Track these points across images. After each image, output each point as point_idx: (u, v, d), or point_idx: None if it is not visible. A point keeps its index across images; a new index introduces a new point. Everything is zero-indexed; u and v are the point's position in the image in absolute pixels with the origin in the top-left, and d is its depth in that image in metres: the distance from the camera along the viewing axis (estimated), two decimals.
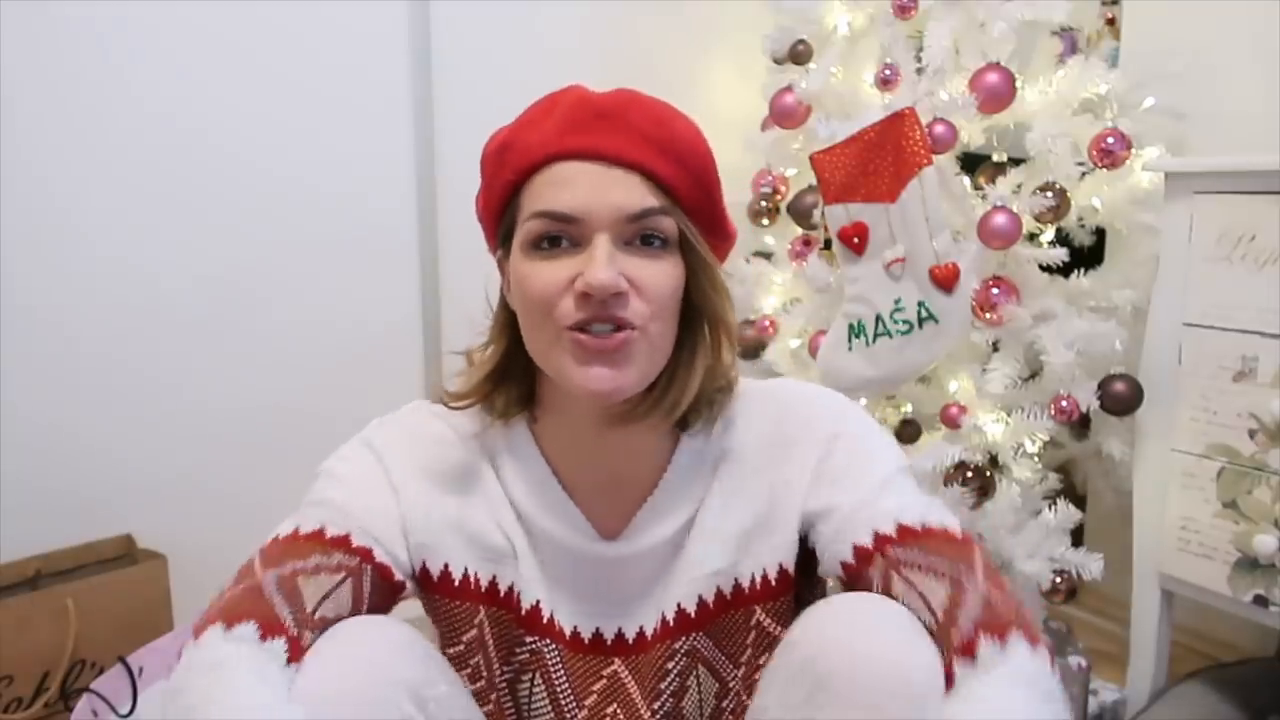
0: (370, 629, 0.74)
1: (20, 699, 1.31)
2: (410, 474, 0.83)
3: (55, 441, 1.49)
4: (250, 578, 0.74)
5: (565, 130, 0.74)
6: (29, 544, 1.44)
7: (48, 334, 1.48)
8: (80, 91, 1.46)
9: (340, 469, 0.84)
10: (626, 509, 0.84)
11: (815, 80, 1.62)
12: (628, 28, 1.92)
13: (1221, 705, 1.39)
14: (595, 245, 0.72)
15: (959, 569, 0.73)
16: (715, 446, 0.84)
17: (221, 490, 1.63)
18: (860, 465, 0.81)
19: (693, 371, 0.78)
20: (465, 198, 1.85)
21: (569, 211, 0.72)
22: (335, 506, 0.80)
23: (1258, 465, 1.27)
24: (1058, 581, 1.45)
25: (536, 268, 0.74)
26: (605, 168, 0.73)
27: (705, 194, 0.77)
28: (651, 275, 0.73)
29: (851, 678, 0.67)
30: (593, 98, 0.76)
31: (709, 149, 0.78)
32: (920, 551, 0.74)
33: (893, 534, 0.76)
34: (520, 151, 0.75)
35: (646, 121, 0.74)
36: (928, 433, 1.56)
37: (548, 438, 0.84)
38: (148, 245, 1.53)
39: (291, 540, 0.78)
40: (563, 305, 0.72)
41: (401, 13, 1.69)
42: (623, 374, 0.73)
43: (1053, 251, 1.44)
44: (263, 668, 0.67)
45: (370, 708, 0.67)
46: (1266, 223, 1.25)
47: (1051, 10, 1.44)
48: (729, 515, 0.83)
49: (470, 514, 0.83)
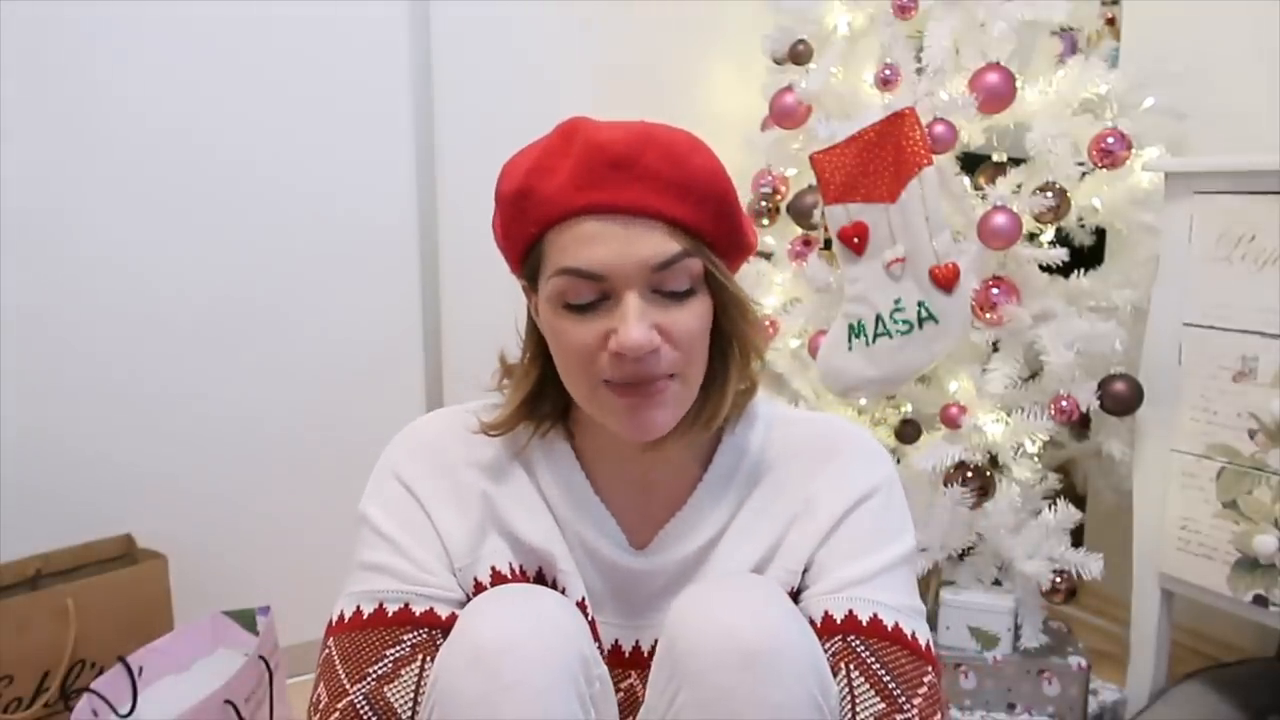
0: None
1: (20, 699, 1.31)
2: (443, 500, 0.83)
3: (55, 442, 1.49)
4: (341, 694, 0.76)
5: (582, 184, 0.72)
6: (29, 544, 1.44)
7: (48, 336, 1.47)
8: (80, 99, 1.46)
9: (379, 519, 0.82)
10: (658, 517, 0.84)
11: (815, 80, 1.62)
12: (628, 28, 1.92)
13: (1221, 705, 1.39)
14: (626, 303, 0.72)
15: (902, 692, 0.75)
16: (750, 464, 0.85)
17: (221, 491, 1.63)
18: (874, 542, 0.81)
19: (725, 394, 0.80)
20: (465, 206, 1.86)
21: (594, 270, 0.72)
22: (387, 571, 0.80)
23: (1258, 465, 1.27)
24: (1058, 581, 1.45)
25: (569, 326, 0.74)
26: (626, 222, 0.72)
27: (728, 223, 0.77)
28: (683, 322, 0.74)
29: (696, 654, 0.69)
30: (605, 144, 0.72)
31: (726, 176, 0.76)
32: (876, 655, 0.76)
33: (863, 624, 0.77)
34: (538, 203, 0.74)
35: (663, 164, 0.72)
36: (928, 433, 1.56)
37: (583, 449, 0.85)
38: (148, 250, 1.53)
39: (360, 630, 0.79)
40: (599, 361, 0.74)
41: (402, 15, 1.69)
42: (662, 417, 0.75)
43: (1053, 251, 1.44)
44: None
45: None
46: (1266, 223, 1.25)
47: (1051, 10, 1.45)
48: (752, 537, 0.83)
49: (509, 517, 0.83)
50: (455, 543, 0.82)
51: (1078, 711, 1.48)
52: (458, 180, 1.77)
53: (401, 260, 1.75)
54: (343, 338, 1.71)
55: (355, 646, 0.78)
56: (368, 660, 0.77)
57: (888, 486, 0.84)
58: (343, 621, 0.80)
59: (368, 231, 1.71)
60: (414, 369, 1.78)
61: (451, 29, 1.74)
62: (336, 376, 1.71)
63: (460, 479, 0.84)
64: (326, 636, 0.81)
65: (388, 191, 1.73)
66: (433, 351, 1.78)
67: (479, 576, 0.82)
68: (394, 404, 1.76)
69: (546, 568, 0.83)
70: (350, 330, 1.72)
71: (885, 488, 0.84)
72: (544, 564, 0.83)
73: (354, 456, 1.72)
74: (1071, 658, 1.49)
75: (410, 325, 1.77)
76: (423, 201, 1.74)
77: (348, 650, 0.78)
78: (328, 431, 1.71)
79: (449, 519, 0.83)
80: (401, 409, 1.76)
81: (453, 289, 1.79)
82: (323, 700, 0.77)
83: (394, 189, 1.73)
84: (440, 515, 0.82)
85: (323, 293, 1.69)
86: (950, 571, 1.55)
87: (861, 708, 0.74)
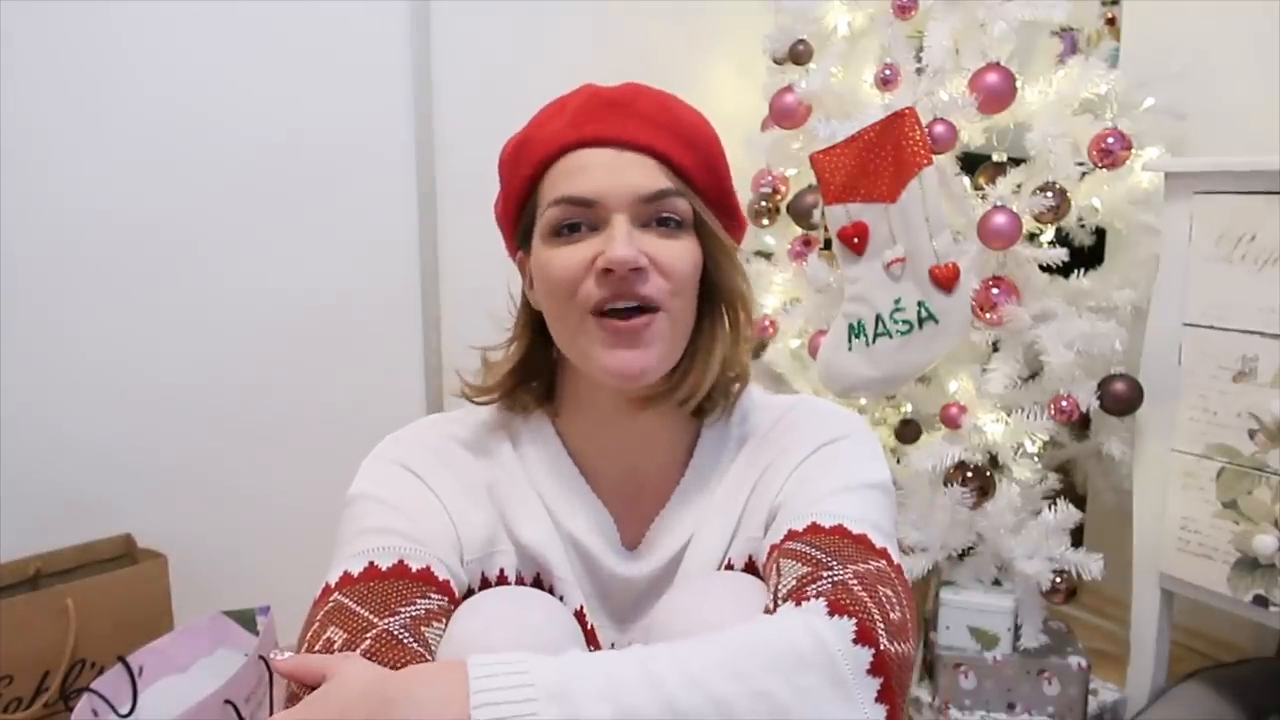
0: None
1: (20, 699, 1.31)
2: (455, 493, 0.80)
3: (55, 441, 1.49)
4: (368, 626, 0.67)
5: (579, 121, 0.76)
6: (29, 544, 1.44)
7: (48, 334, 1.48)
8: (83, 93, 1.46)
9: (387, 493, 0.78)
10: (646, 511, 0.84)
11: (815, 80, 1.62)
12: (628, 27, 1.92)
13: (1221, 705, 1.39)
14: (614, 225, 0.73)
15: (829, 559, 0.68)
16: (728, 454, 0.84)
17: (222, 490, 1.63)
18: (828, 471, 0.77)
19: (712, 354, 0.79)
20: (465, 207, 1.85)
21: (587, 195, 0.74)
22: (403, 535, 0.74)
23: (1258, 465, 1.27)
24: (1058, 581, 1.45)
25: (558, 253, 0.75)
26: (619, 152, 0.75)
27: (715, 177, 0.80)
28: (670, 253, 0.75)
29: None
30: (603, 91, 0.79)
31: (716, 135, 0.81)
32: (808, 544, 0.71)
33: (800, 530, 0.72)
34: (536, 146, 0.77)
35: (655, 108, 0.77)
36: (928, 433, 1.56)
37: (570, 433, 0.84)
38: (146, 244, 1.53)
39: (380, 580, 0.71)
40: (585, 286, 0.74)
41: (402, 15, 1.69)
42: (647, 355, 0.74)
43: (1053, 251, 1.44)
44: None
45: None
46: (1266, 223, 1.25)
47: (1051, 10, 1.44)
48: (719, 525, 0.82)
49: (511, 516, 0.82)
50: (472, 534, 0.80)
51: (1078, 711, 1.48)
52: (458, 180, 1.77)
53: (403, 259, 1.76)
54: (344, 339, 1.71)
55: (374, 594, 0.70)
56: (396, 603, 0.70)
57: (856, 434, 0.82)
58: (350, 577, 0.71)
59: (370, 227, 1.72)
60: (415, 370, 1.78)
61: (451, 30, 1.74)
62: (337, 376, 1.71)
63: (466, 475, 0.82)
64: (325, 597, 0.71)
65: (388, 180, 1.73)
66: (433, 353, 1.79)
67: (487, 573, 0.81)
68: (395, 404, 1.76)
69: (544, 574, 0.82)
70: (351, 331, 1.72)
71: (854, 435, 0.81)
72: (541, 570, 0.82)
73: (355, 457, 1.72)
74: (1071, 658, 1.49)
75: (411, 330, 1.77)
76: (422, 181, 1.74)
77: (365, 596, 0.70)
78: (329, 432, 1.71)
79: (464, 508, 0.80)
80: (402, 410, 1.77)
81: (451, 282, 1.79)
82: (337, 640, 0.66)
83: (394, 189, 1.73)
84: (455, 505, 0.80)
85: (324, 294, 1.69)
86: (950, 571, 1.55)
87: (785, 577, 0.69)
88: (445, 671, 0.61)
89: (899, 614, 0.67)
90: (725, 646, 0.62)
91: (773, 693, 0.59)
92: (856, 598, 0.65)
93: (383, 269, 1.74)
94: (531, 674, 0.59)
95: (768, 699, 0.59)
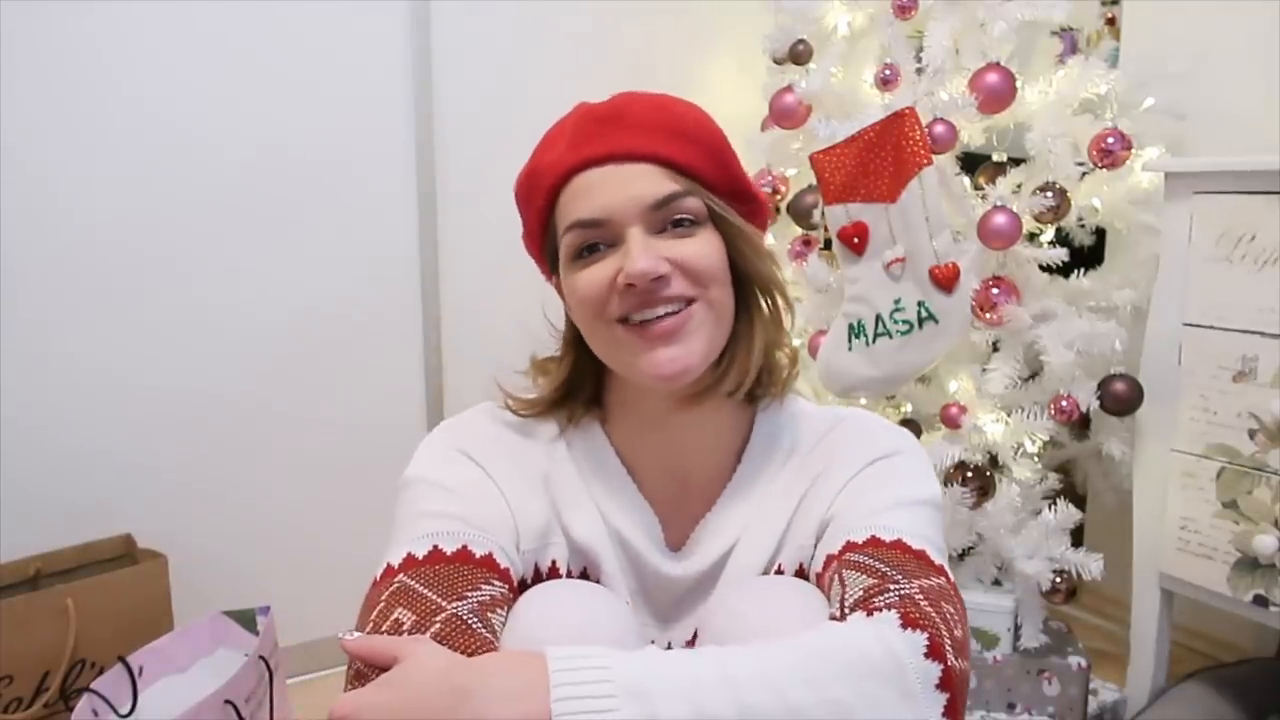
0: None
1: (20, 699, 1.31)
2: (514, 481, 0.81)
3: (55, 441, 1.49)
4: (436, 610, 0.68)
5: (576, 143, 0.76)
6: (29, 544, 1.44)
7: (49, 335, 1.48)
8: (83, 98, 1.46)
9: (447, 478, 0.78)
10: (694, 513, 0.84)
11: (815, 80, 1.62)
12: (627, 27, 1.92)
13: (1221, 705, 1.39)
14: (630, 239, 0.74)
15: (894, 573, 0.69)
16: (779, 459, 0.84)
17: (221, 491, 1.63)
18: (883, 485, 0.78)
19: (754, 340, 0.80)
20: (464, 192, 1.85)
21: (596, 216, 0.74)
22: (464, 520, 0.75)
23: (1258, 465, 1.27)
24: (1058, 581, 1.45)
25: (581, 275, 0.76)
26: (619, 165, 0.75)
27: (723, 167, 0.79)
28: (691, 252, 0.75)
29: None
30: (595, 107, 0.79)
31: (717, 126, 0.80)
32: (870, 557, 0.71)
33: (859, 542, 0.73)
34: (542, 175, 0.78)
35: (650, 113, 0.77)
36: (928, 433, 1.56)
37: (618, 435, 0.85)
38: (146, 246, 1.53)
39: (446, 564, 0.72)
40: (612, 303, 0.75)
41: (402, 16, 1.69)
42: (688, 351, 0.74)
43: (1053, 251, 1.44)
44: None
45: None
46: (1266, 223, 1.25)
47: (1051, 10, 1.44)
48: (765, 532, 0.82)
49: (563, 507, 0.83)
50: (529, 523, 0.80)
51: (1078, 711, 1.48)
52: (458, 180, 1.77)
53: (403, 260, 1.76)
54: (344, 339, 1.71)
55: (441, 578, 0.70)
56: (464, 588, 0.70)
57: (910, 449, 0.82)
58: (414, 559, 0.72)
59: (369, 232, 1.72)
60: (415, 371, 1.78)
61: (451, 30, 1.74)
62: (337, 377, 1.71)
63: (524, 464, 0.83)
64: (387, 577, 0.71)
65: (387, 186, 1.73)
66: (433, 355, 1.78)
67: (540, 564, 0.81)
68: (395, 405, 1.76)
69: (591, 568, 0.83)
70: (351, 332, 1.72)
71: (907, 450, 0.82)
72: (589, 565, 0.83)
73: (354, 457, 1.73)
74: (1071, 658, 1.49)
75: (411, 329, 1.77)
76: (422, 185, 1.74)
77: (432, 580, 0.70)
78: (329, 432, 1.71)
79: (523, 496, 0.81)
80: (402, 411, 1.76)
81: (453, 286, 1.79)
82: (406, 623, 0.67)
83: (394, 189, 1.73)
84: (513, 493, 0.80)
85: (325, 294, 1.69)
86: (950, 572, 1.55)
87: (851, 588, 0.69)
88: (523, 661, 0.61)
89: (960, 631, 0.67)
90: (797, 652, 0.62)
91: (843, 701, 0.60)
92: (925, 613, 0.66)
93: (382, 270, 1.73)
94: (612, 670, 0.59)
95: (838, 706, 0.59)
